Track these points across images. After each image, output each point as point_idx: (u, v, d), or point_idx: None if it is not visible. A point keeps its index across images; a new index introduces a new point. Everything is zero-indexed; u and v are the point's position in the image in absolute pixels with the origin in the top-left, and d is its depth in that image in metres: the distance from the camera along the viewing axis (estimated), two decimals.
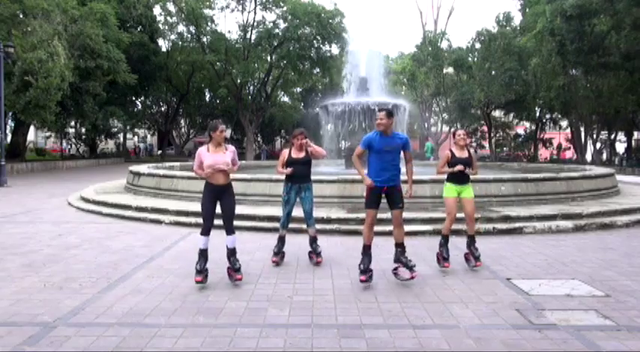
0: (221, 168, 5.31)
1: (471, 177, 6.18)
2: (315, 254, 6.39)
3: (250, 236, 8.02)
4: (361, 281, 5.23)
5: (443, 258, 6.00)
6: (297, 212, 6.56)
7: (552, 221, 8.87)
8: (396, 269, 5.48)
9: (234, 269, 5.38)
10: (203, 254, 5.35)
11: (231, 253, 5.44)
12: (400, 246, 5.42)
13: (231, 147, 5.52)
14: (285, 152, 6.38)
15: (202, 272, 5.27)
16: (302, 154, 6.27)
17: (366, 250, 5.40)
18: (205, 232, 5.35)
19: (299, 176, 6.23)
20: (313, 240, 6.42)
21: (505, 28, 36.22)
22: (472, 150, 6.23)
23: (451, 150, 6.11)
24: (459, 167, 5.91)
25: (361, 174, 5.46)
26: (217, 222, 5.52)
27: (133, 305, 4.59)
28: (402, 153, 5.43)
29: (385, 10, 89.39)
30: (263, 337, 3.86)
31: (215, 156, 5.34)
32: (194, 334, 3.91)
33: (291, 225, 6.68)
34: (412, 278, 5.30)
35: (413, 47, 42.82)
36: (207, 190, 5.42)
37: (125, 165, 29.40)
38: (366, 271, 5.27)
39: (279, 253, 6.36)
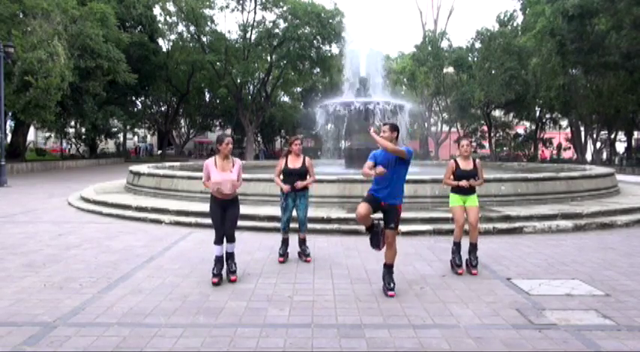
0: (227, 192, 5.39)
1: (470, 182, 6.16)
2: (304, 254, 6.52)
3: (250, 236, 8.02)
4: (390, 295, 4.91)
5: (456, 264, 5.99)
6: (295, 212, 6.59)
7: (552, 221, 8.87)
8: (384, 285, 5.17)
9: (230, 271, 5.51)
10: (219, 260, 5.50)
11: (229, 256, 5.58)
12: (389, 268, 5.14)
13: (238, 162, 5.62)
14: (282, 161, 6.44)
15: (218, 275, 5.43)
16: (299, 164, 6.35)
17: (370, 229, 5.15)
18: (217, 242, 5.51)
19: (295, 186, 6.30)
20: (302, 242, 6.56)
21: (507, 27, 36.25)
22: (477, 160, 6.18)
23: (456, 161, 6.10)
24: (464, 183, 5.90)
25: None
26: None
27: (133, 305, 4.59)
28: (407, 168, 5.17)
29: (385, 10, 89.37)
30: (263, 337, 3.86)
31: (222, 174, 5.43)
32: (194, 334, 3.91)
33: (290, 226, 6.72)
34: (389, 296, 4.93)
35: (413, 47, 42.85)
36: (213, 203, 5.55)
37: (125, 165, 29.41)
38: (379, 244, 5.07)
39: (284, 254, 6.48)
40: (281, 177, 6.44)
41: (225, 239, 5.52)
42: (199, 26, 38.45)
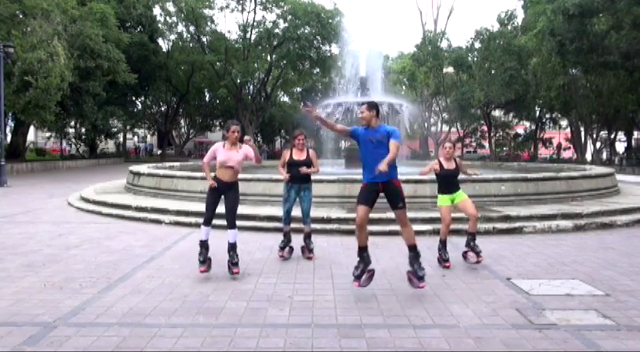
0: (231, 165, 5.56)
1: (472, 177, 6.40)
2: (307, 249, 6.56)
3: (250, 236, 8.01)
4: (356, 286, 4.92)
5: (443, 259, 6.22)
6: (297, 211, 6.62)
7: (552, 220, 8.87)
8: (410, 273, 5.03)
9: (232, 263, 5.57)
10: (204, 245, 5.58)
11: (231, 247, 5.62)
12: (412, 249, 4.98)
13: (245, 146, 5.72)
14: (287, 153, 6.51)
15: (205, 262, 5.54)
16: (303, 156, 6.43)
17: (361, 252, 4.99)
18: (206, 222, 5.60)
19: (299, 177, 6.36)
20: (307, 236, 6.60)
21: (507, 26, 36.23)
22: (457, 159, 6.49)
23: (439, 161, 6.36)
24: (426, 170, 6.37)
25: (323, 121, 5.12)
26: (221, 222, 5.68)
27: (133, 305, 4.59)
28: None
29: (385, 10, 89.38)
30: (263, 337, 3.86)
31: (229, 153, 5.58)
32: (194, 334, 3.91)
33: (291, 225, 6.74)
34: (420, 287, 4.89)
35: (413, 47, 42.84)
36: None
37: (125, 165, 29.40)
38: (360, 276, 4.92)
39: (285, 247, 6.54)
40: (285, 168, 6.51)
41: (211, 222, 5.57)
42: (199, 26, 38.49)
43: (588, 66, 28.16)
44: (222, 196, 5.62)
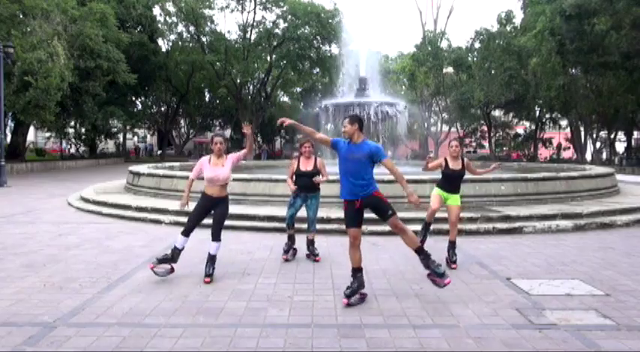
0: (219, 182, 5.48)
1: (471, 176, 6.36)
2: (313, 255, 6.58)
3: (250, 236, 8.02)
4: (344, 304, 4.60)
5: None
6: (301, 212, 6.63)
7: (552, 220, 8.87)
8: (430, 275, 4.83)
9: (207, 274, 5.45)
10: (175, 251, 5.50)
11: (211, 259, 5.55)
12: (420, 252, 4.75)
13: (230, 155, 5.64)
14: (294, 163, 6.52)
15: (161, 262, 5.44)
16: (310, 166, 6.41)
17: (355, 273, 4.79)
18: (185, 232, 5.52)
19: (306, 187, 6.39)
20: (311, 243, 6.62)
21: (506, 27, 36.23)
22: (466, 160, 6.37)
23: (445, 159, 6.29)
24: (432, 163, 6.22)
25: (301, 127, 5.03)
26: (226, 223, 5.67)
27: (133, 305, 4.59)
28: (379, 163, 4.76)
29: (385, 10, 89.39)
30: (263, 337, 3.86)
31: (215, 169, 5.47)
32: (194, 334, 3.91)
33: (296, 226, 6.74)
34: (447, 284, 4.67)
35: (413, 47, 42.82)
36: (202, 199, 5.59)
37: (125, 165, 29.40)
38: (351, 295, 4.67)
39: (288, 251, 6.54)
40: (293, 178, 6.49)
41: (190, 234, 5.55)
42: (199, 26, 38.50)
43: (588, 66, 28.16)
44: (212, 210, 5.54)
